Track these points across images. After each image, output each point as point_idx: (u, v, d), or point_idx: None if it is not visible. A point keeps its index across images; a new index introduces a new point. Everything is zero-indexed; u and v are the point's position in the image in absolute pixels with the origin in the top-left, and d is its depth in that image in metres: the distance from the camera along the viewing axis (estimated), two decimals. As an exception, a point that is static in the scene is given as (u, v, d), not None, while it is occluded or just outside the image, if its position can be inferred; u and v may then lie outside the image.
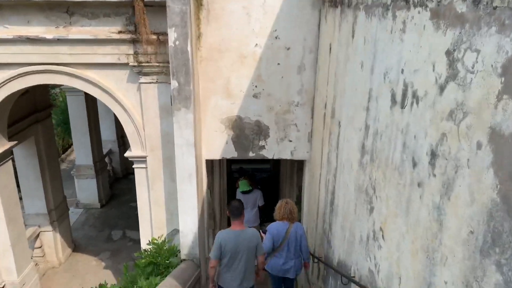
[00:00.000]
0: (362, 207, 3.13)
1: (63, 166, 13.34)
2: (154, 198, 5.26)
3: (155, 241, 4.85)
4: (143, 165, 5.12)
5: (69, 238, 8.49)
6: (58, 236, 7.90)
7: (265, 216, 9.39)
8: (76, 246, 8.77)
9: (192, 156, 4.60)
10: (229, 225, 4.12)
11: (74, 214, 10.46)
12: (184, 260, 5.02)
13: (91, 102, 9.81)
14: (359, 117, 3.25)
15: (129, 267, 4.53)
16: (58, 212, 7.86)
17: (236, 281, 3.98)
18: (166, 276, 4.31)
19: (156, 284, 3.63)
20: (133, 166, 5.20)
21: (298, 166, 7.33)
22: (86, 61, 4.61)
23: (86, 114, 9.85)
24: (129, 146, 5.18)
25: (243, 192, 7.21)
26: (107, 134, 12.25)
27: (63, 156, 13.94)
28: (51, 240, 7.76)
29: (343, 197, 3.75)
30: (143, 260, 4.62)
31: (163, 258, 4.66)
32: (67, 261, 8.23)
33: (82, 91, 9.49)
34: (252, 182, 7.65)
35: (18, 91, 4.91)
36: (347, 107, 3.70)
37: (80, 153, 10.40)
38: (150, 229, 5.40)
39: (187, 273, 4.44)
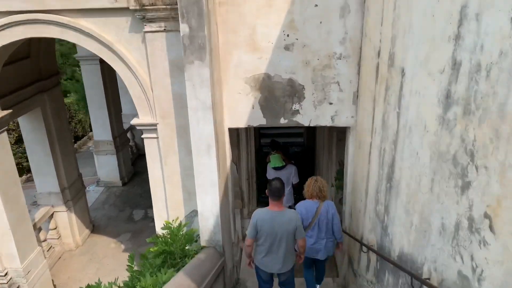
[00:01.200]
0: (446, 182, 2.20)
1: (90, 143, 13.00)
2: (168, 174, 4.53)
3: (169, 225, 4.13)
4: (154, 135, 4.36)
5: (86, 219, 8.03)
6: (73, 216, 7.43)
7: (300, 195, 8.60)
8: (94, 227, 8.33)
9: (210, 123, 3.78)
10: (258, 204, 3.43)
11: (95, 193, 10.06)
12: (204, 247, 4.29)
13: (108, 71, 9.17)
14: (440, 54, 2.29)
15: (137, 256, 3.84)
16: (72, 191, 7.36)
17: (277, 265, 3.82)
18: (182, 268, 3.59)
19: (164, 282, 2.91)
20: (141, 136, 4.46)
21: (338, 136, 6.37)
22: (77, 6, 3.83)
23: (102, 85, 9.24)
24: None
25: (275, 168, 6.38)
26: (129, 108, 11.61)
27: (90, 134, 13.59)
28: (66, 221, 7.29)
29: (409, 170, 2.83)
30: (154, 248, 3.92)
31: (179, 245, 3.94)
32: (85, 243, 7.79)
33: (97, 58, 8.93)
34: (286, 156, 6.79)
35: (4, 49, 4.22)
36: (415, 46, 2.73)
37: (98, 127, 9.87)
38: (166, 210, 4.70)
39: (206, 265, 3.70)
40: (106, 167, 10.16)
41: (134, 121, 4.34)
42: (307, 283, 5.00)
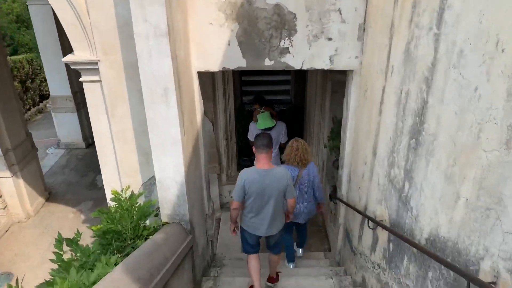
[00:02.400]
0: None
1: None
2: (118, 129, 3.53)
3: (118, 195, 3.18)
4: (95, 77, 3.31)
5: (40, 185, 7.02)
6: (22, 182, 6.41)
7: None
8: (51, 195, 7.34)
9: (166, 57, 2.76)
10: (239, 169, 3.67)
11: (54, 156, 9.00)
12: (165, 224, 3.38)
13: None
14: None
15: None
16: (19, 153, 6.30)
17: (266, 227, 3.59)
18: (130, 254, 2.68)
19: (94, 283, 1.98)
20: (79, 79, 3.40)
21: (333, 88, 5.42)
22: None
23: (55, 29, 7.94)
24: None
25: (265, 130, 5.43)
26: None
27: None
28: (13, 189, 6.27)
29: (457, 117, 1.90)
30: (97, 227, 2.99)
31: (129, 222, 3.01)
32: (38, 213, 6.82)
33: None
34: (274, 114, 5.81)
35: None
36: None
37: (54, 81, 8.65)
38: (118, 177, 3.73)
39: (163, 251, 2.80)
40: (66, 127, 9.04)
41: (66, 59, 3.25)
42: (286, 250, 4.70)
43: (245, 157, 7.07)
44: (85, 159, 8.77)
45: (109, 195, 3.75)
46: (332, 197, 4.87)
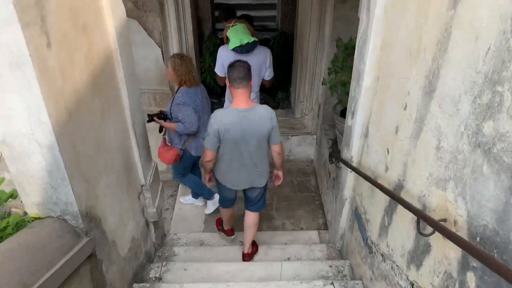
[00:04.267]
0: None
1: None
2: None
3: None
4: None
5: None
6: None
7: (273, 98, 6.12)
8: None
9: None
10: None
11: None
12: (36, 219, 1.86)
13: None
14: None
15: None
16: None
17: (243, 178, 3.09)
18: None
19: None
20: None
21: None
22: None
23: None
24: None
25: (240, 51, 3.77)
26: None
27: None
28: None
29: None
30: None
31: None
32: None
33: None
34: (252, 31, 4.14)
35: None
36: None
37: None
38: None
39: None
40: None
41: None
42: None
43: (214, 99, 5.47)
44: None
45: None
46: (334, 157, 3.39)
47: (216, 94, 6.10)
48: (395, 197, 2.07)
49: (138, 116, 2.85)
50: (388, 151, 2.26)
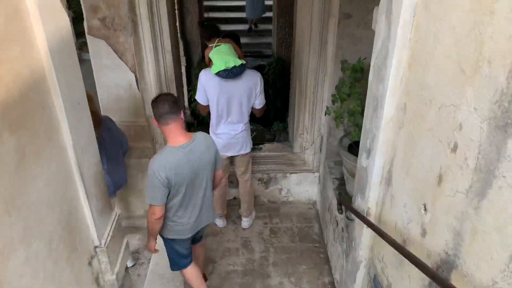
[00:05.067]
0: None
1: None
2: None
3: None
4: None
5: None
6: None
7: (268, 129, 5.52)
8: None
9: None
10: None
11: None
12: None
13: None
14: None
15: None
16: None
17: (197, 219, 2.81)
18: None
19: None
20: None
21: (343, 8, 3.20)
22: None
23: None
24: None
25: (225, 75, 3.21)
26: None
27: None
28: None
29: None
30: None
31: None
32: None
33: None
34: (240, 53, 3.58)
35: None
36: None
37: None
38: None
39: None
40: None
41: None
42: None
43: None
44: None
45: None
46: (343, 205, 2.75)
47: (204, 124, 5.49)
48: (440, 280, 1.42)
49: (90, 156, 2.22)
50: (425, 207, 1.62)
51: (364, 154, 2.29)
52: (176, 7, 5.79)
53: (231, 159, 3.81)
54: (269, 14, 8.87)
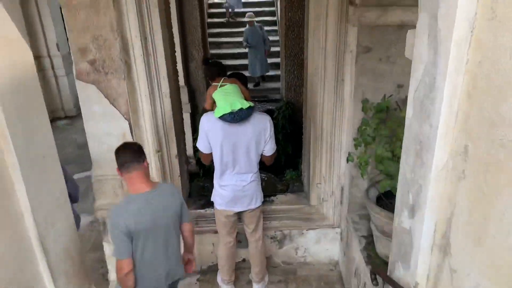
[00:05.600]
0: None
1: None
2: None
3: None
4: None
5: None
6: None
7: (280, 178, 5.07)
8: None
9: None
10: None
11: None
12: None
13: None
14: None
15: None
16: None
17: (161, 275, 2.62)
18: None
19: None
20: None
21: (361, 41, 2.85)
22: None
23: None
24: None
25: (230, 119, 2.85)
26: None
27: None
28: None
29: None
30: None
31: None
32: None
33: None
34: (247, 94, 3.25)
35: None
36: None
37: None
38: None
39: None
40: None
41: None
42: None
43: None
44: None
45: None
46: (379, 275, 2.22)
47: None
48: None
49: (59, 223, 1.78)
50: None
51: (405, 212, 1.82)
52: (181, 51, 5.57)
53: (239, 214, 3.35)
54: (276, 59, 8.73)
